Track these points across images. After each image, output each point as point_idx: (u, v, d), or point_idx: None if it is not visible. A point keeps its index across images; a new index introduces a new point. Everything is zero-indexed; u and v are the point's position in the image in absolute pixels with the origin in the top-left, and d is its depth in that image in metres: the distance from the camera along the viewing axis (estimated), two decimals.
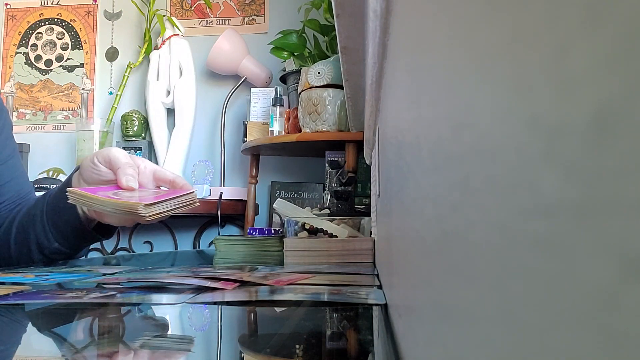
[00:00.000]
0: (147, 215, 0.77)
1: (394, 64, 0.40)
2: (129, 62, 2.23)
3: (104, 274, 0.72)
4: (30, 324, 0.44)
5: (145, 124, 2.15)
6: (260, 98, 1.89)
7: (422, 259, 0.22)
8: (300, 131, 1.58)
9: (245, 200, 1.89)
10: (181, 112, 2.06)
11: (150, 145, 2.14)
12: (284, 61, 1.86)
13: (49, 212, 0.88)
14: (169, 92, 2.10)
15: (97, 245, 2.13)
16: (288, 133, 1.68)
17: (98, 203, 0.78)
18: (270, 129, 1.74)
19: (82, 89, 2.32)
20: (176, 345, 0.36)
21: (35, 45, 2.39)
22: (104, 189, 0.81)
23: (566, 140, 0.08)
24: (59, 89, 2.36)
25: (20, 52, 2.39)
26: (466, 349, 0.13)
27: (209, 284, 0.56)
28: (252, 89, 1.93)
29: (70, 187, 0.83)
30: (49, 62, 2.37)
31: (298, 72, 1.67)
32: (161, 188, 0.89)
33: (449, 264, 0.16)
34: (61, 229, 0.88)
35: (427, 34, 0.21)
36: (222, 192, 1.86)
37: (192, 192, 0.86)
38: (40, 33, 2.39)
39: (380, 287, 0.56)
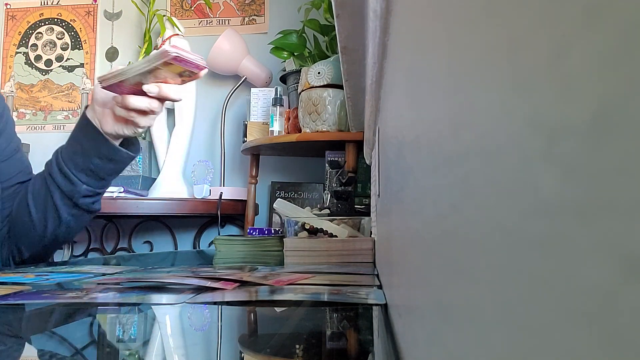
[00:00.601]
0: (109, 75, 0.83)
1: (394, 64, 0.40)
2: (129, 62, 2.23)
3: (104, 274, 0.72)
4: (30, 324, 0.44)
5: None
6: (260, 98, 1.89)
7: (422, 259, 0.22)
8: (300, 131, 1.58)
9: (245, 200, 1.89)
10: (181, 112, 2.06)
11: (150, 145, 2.14)
12: (284, 61, 1.86)
13: (67, 161, 0.92)
14: None
15: (97, 245, 2.13)
16: (288, 133, 1.68)
17: (130, 71, 0.83)
18: (270, 129, 1.74)
19: (82, 89, 2.32)
20: (176, 345, 0.36)
21: (35, 45, 2.39)
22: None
23: (566, 140, 0.08)
24: (59, 89, 2.36)
25: (20, 52, 2.39)
26: (466, 349, 0.13)
27: (209, 284, 0.56)
28: (252, 89, 1.93)
29: (86, 122, 0.92)
30: (49, 62, 2.37)
31: (298, 72, 1.67)
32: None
33: (449, 264, 0.16)
34: (89, 167, 0.92)
35: (427, 33, 0.21)
36: (222, 192, 1.86)
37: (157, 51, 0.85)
38: (40, 33, 2.39)
39: (380, 287, 0.56)
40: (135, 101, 0.86)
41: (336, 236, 0.96)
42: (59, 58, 2.37)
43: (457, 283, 0.15)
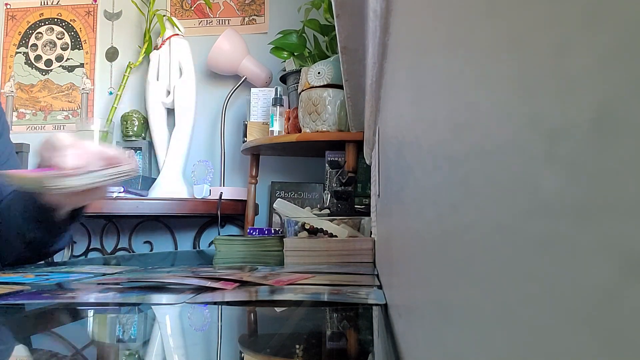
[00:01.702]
0: (54, 186, 0.75)
1: (394, 64, 0.40)
2: (129, 62, 2.23)
3: (104, 274, 0.72)
4: (30, 324, 0.44)
5: (145, 124, 2.15)
6: (260, 98, 1.89)
7: (422, 259, 0.22)
8: (300, 131, 1.58)
9: (245, 200, 1.89)
10: (181, 112, 2.06)
11: (150, 145, 2.14)
12: (284, 61, 1.86)
13: (23, 202, 0.89)
14: (169, 92, 2.10)
15: (97, 245, 2.13)
16: (288, 133, 1.68)
17: (13, 180, 0.78)
18: (270, 129, 1.74)
19: (82, 89, 2.32)
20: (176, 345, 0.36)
21: (35, 45, 2.39)
22: (38, 170, 0.81)
23: (567, 140, 0.08)
24: (59, 89, 2.36)
25: (20, 52, 2.39)
26: (466, 349, 0.13)
27: (209, 284, 0.56)
28: (252, 89, 1.93)
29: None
30: (49, 62, 2.37)
31: (298, 72, 1.67)
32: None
33: (449, 264, 0.16)
34: (35, 216, 0.89)
35: (427, 33, 0.21)
36: (222, 192, 1.86)
37: (121, 167, 0.83)
38: (40, 33, 2.39)
39: (380, 287, 0.56)
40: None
41: (336, 236, 0.96)
42: (59, 58, 2.37)
43: (457, 283, 0.15)
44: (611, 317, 0.06)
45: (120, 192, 1.80)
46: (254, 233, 1.36)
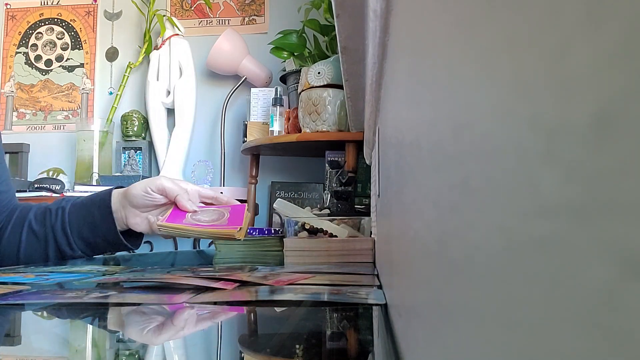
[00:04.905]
0: (241, 237, 0.90)
1: (394, 64, 0.40)
2: (129, 62, 2.23)
3: (104, 274, 0.72)
4: (30, 324, 0.44)
5: (145, 124, 2.15)
6: (260, 98, 1.89)
7: (422, 259, 0.22)
8: (300, 131, 1.58)
9: (245, 200, 1.89)
10: (181, 112, 2.06)
11: (150, 145, 2.14)
12: (284, 61, 1.86)
13: (73, 225, 0.95)
14: (169, 92, 2.10)
15: None
16: (288, 133, 1.68)
17: (194, 233, 0.90)
18: (270, 129, 1.74)
19: (82, 89, 2.32)
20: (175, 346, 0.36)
21: (35, 45, 2.39)
22: (178, 216, 0.93)
23: (566, 140, 0.08)
24: (59, 89, 2.36)
25: (20, 52, 2.39)
26: (466, 349, 0.13)
27: (209, 284, 0.56)
28: (252, 89, 1.93)
29: (107, 205, 0.94)
30: (49, 62, 2.37)
31: (298, 72, 1.67)
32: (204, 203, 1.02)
33: (448, 264, 0.16)
34: (90, 240, 0.96)
35: (427, 33, 0.21)
36: (222, 192, 1.86)
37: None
38: (40, 33, 2.39)
39: (380, 287, 0.56)
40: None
41: (336, 236, 0.96)
42: (59, 58, 2.37)
43: (457, 283, 0.15)
44: (611, 317, 0.06)
45: None
46: (254, 233, 1.36)
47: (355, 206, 1.48)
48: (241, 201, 1.91)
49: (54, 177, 2.25)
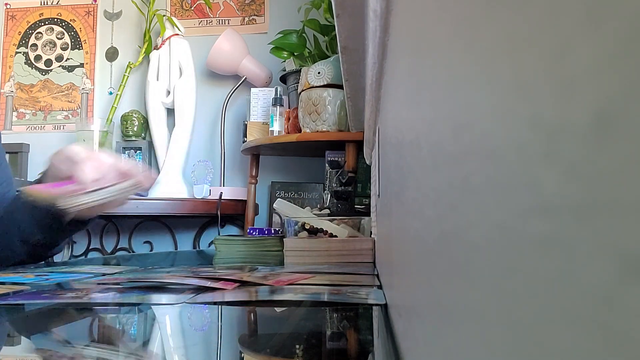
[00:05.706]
0: (69, 205, 0.78)
1: (394, 64, 0.40)
2: (129, 62, 2.23)
3: (104, 274, 0.72)
4: (30, 324, 0.44)
5: (145, 124, 2.15)
6: (260, 98, 1.89)
7: (422, 259, 0.22)
8: (300, 131, 1.58)
9: (245, 200, 1.89)
10: (181, 112, 2.06)
11: (150, 145, 2.14)
12: (284, 61, 1.86)
13: (30, 207, 0.90)
14: (168, 92, 2.10)
15: (97, 245, 2.13)
16: (288, 133, 1.68)
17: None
18: (270, 129, 1.74)
19: (82, 89, 2.32)
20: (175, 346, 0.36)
21: (35, 45, 2.39)
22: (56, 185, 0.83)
23: (566, 140, 0.08)
24: (59, 89, 2.36)
25: (20, 52, 2.39)
26: (466, 349, 0.13)
27: (209, 284, 0.56)
28: (252, 89, 1.93)
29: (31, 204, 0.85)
30: (48, 62, 2.37)
31: (298, 72, 1.67)
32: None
33: (448, 264, 0.16)
34: (44, 222, 0.90)
35: (427, 33, 0.21)
36: (222, 192, 1.86)
37: (131, 180, 0.86)
38: (40, 33, 2.39)
39: (380, 287, 0.56)
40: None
41: (336, 236, 0.96)
42: (59, 58, 2.37)
43: (457, 283, 0.15)
44: (611, 317, 0.06)
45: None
46: (254, 233, 1.36)
47: (355, 206, 1.48)
48: (241, 201, 1.92)
49: None
